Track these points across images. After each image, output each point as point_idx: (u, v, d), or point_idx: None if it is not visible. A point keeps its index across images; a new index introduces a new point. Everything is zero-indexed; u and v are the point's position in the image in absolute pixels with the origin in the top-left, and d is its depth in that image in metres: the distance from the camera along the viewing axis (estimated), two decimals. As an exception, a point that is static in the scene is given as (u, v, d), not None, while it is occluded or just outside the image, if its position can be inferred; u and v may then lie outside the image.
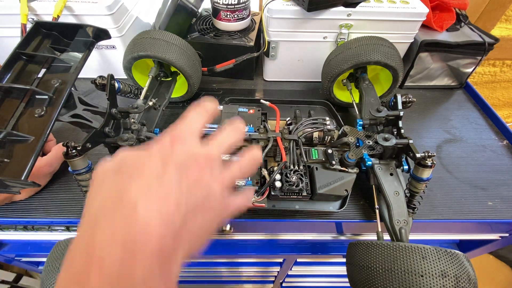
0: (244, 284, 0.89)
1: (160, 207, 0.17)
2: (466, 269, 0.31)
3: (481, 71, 1.13)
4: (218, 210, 0.21)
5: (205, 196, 0.19)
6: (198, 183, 0.19)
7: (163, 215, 0.17)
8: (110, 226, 0.16)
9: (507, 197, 0.49)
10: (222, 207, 0.21)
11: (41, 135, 0.31)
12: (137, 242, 0.16)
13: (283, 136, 0.44)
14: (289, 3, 0.57)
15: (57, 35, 0.40)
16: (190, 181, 0.19)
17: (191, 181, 0.19)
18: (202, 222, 0.19)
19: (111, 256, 0.15)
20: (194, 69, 0.54)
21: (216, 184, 0.20)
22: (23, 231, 0.48)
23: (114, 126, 0.40)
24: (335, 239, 0.56)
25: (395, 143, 0.41)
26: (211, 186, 0.20)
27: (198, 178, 0.19)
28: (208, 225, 0.20)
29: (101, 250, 0.15)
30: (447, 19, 0.64)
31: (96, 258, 0.15)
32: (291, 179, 0.40)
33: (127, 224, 0.16)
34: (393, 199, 0.40)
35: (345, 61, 0.52)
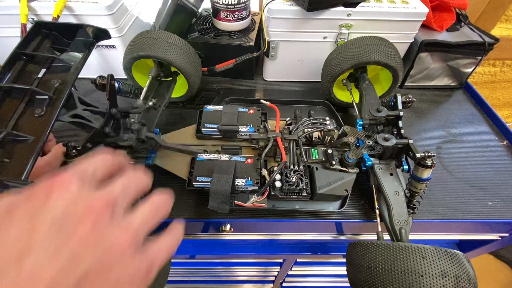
0: (244, 284, 0.89)
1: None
2: (466, 269, 0.31)
3: (481, 71, 1.13)
4: (131, 268, 0.15)
5: (102, 255, 0.14)
6: (89, 240, 0.14)
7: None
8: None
9: (507, 197, 0.49)
10: (136, 263, 0.16)
11: (41, 135, 0.31)
12: None
13: (283, 136, 0.44)
14: (289, 3, 0.57)
15: (57, 35, 0.40)
16: (74, 242, 0.14)
17: (76, 242, 0.14)
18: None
19: None
20: (194, 69, 0.54)
21: (119, 233, 0.15)
22: (23, 231, 0.48)
23: (114, 126, 0.40)
24: (335, 239, 0.56)
25: (395, 143, 0.41)
26: (111, 238, 0.15)
27: (87, 234, 0.14)
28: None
29: None
30: (447, 19, 0.64)
31: None
32: (291, 179, 0.40)
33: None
34: (393, 199, 0.40)
35: (345, 61, 0.52)
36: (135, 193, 0.18)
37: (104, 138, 0.39)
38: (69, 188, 0.15)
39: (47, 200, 0.14)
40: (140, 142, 0.42)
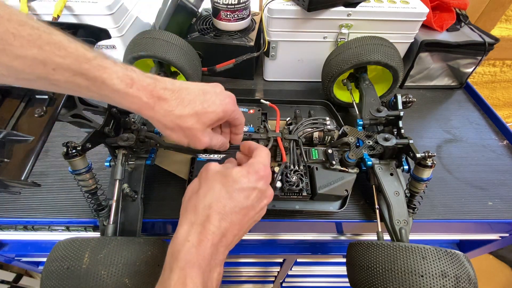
0: (244, 284, 0.89)
1: (243, 217, 0.28)
2: (466, 269, 0.31)
3: (481, 71, 1.13)
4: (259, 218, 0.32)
5: (259, 215, 0.31)
6: (262, 209, 0.31)
7: (240, 224, 0.28)
8: (218, 216, 0.27)
9: (507, 197, 0.49)
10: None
11: (41, 135, 0.31)
12: (227, 233, 0.27)
13: (283, 136, 0.44)
14: (289, 3, 0.57)
15: (57, 35, 0.40)
16: (260, 207, 0.30)
17: (259, 207, 0.30)
18: (246, 230, 0.30)
19: (216, 234, 0.26)
20: (194, 69, 0.54)
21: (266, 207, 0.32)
22: (23, 231, 0.48)
23: (114, 126, 0.40)
24: (335, 239, 0.56)
25: (395, 143, 0.41)
26: (264, 210, 0.32)
27: (263, 206, 0.31)
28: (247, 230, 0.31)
29: (213, 225, 0.26)
30: (447, 19, 0.64)
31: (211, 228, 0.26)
32: (291, 179, 0.40)
33: (226, 217, 0.27)
34: (393, 199, 0.40)
35: (345, 61, 0.52)
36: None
37: (104, 138, 0.39)
38: (267, 181, 0.31)
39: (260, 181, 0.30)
40: (140, 142, 0.42)
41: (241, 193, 0.28)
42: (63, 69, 0.23)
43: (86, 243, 0.32)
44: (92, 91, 0.25)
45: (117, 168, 0.39)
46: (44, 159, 0.51)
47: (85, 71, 0.24)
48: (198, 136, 0.30)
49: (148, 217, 0.44)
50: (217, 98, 0.31)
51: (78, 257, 0.31)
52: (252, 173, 0.30)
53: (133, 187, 0.42)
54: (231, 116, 0.33)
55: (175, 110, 0.28)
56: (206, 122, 0.30)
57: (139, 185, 0.42)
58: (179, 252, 0.25)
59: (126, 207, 0.41)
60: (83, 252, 0.31)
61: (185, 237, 0.26)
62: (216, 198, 0.27)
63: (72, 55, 0.23)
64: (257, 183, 0.29)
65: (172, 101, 0.28)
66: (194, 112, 0.29)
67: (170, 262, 0.25)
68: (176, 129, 0.29)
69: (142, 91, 0.26)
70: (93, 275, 0.30)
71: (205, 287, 0.24)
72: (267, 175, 0.31)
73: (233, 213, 0.27)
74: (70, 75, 0.23)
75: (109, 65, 0.25)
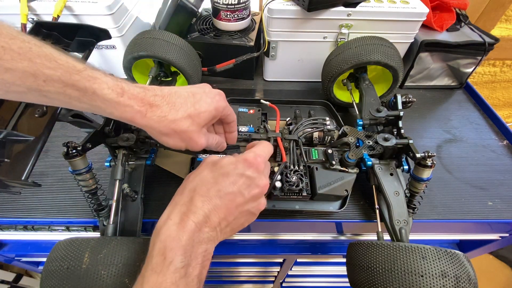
0: (244, 284, 0.89)
1: (228, 202, 0.28)
2: (466, 269, 0.31)
3: (481, 71, 1.13)
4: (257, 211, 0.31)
5: (253, 206, 0.30)
6: (254, 198, 0.30)
7: (225, 208, 0.28)
8: (201, 198, 0.28)
9: (507, 197, 0.49)
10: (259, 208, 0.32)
11: (41, 135, 0.32)
12: (210, 215, 0.27)
13: (283, 136, 0.44)
14: (289, 3, 0.57)
15: (57, 35, 0.40)
16: (250, 195, 0.29)
17: (249, 196, 0.29)
18: (243, 220, 0.31)
19: (198, 214, 0.27)
20: (194, 69, 0.54)
21: (263, 199, 0.32)
22: (23, 231, 0.48)
23: (114, 126, 0.40)
24: (335, 239, 0.56)
25: (395, 143, 0.41)
26: (260, 202, 0.31)
27: (254, 195, 0.30)
28: (245, 221, 0.31)
29: (195, 206, 0.27)
30: (447, 19, 0.64)
31: (192, 209, 0.27)
32: (291, 179, 0.40)
33: (209, 200, 0.28)
34: (393, 199, 0.40)
35: (345, 61, 0.52)
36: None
37: (104, 138, 0.39)
38: (259, 169, 0.31)
39: (248, 169, 0.30)
40: (140, 142, 0.42)
41: (226, 178, 0.29)
42: (53, 80, 0.23)
43: (86, 243, 0.32)
44: (83, 102, 0.25)
45: (117, 168, 0.39)
46: (44, 159, 0.51)
47: (75, 82, 0.24)
48: (194, 138, 0.30)
49: (148, 217, 0.44)
50: (207, 97, 0.31)
51: (78, 257, 0.31)
52: (240, 161, 0.30)
53: (133, 187, 0.42)
54: (223, 113, 0.33)
55: (168, 115, 0.28)
56: (200, 122, 0.30)
57: (139, 185, 0.42)
58: (161, 228, 0.26)
59: (126, 207, 0.41)
60: (83, 252, 0.31)
61: (168, 216, 0.27)
62: (201, 182, 0.29)
63: (63, 67, 0.24)
64: (245, 170, 0.30)
65: (164, 106, 0.28)
66: (187, 115, 0.29)
67: (153, 238, 0.26)
68: (172, 134, 0.29)
69: (133, 100, 0.27)
70: (93, 275, 0.30)
71: (188, 258, 0.25)
72: (258, 163, 0.31)
73: (216, 197, 0.28)
74: (60, 86, 0.24)
75: (99, 75, 0.26)
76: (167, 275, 0.24)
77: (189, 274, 0.25)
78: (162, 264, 0.24)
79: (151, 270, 0.24)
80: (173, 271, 0.24)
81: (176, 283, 0.24)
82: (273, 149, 0.35)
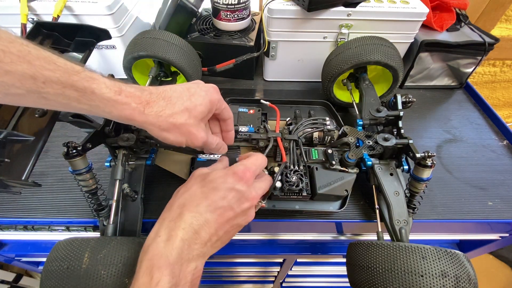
0: (244, 284, 0.89)
1: (218, 217, 0.28)
2: (466, 269, 0.31)
3: (481, 71, 1.13)
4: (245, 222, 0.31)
5: (243, 219, 0.31)
6: (244, 212, 0.30)
7: (216, 223, 0.28)
8: (191, 214, 0.28)
9: (507, 197, 0.49)
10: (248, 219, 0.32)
11: (41, 135, 0.32)
12: (200, 231, 0.27)
13: (283, 136, 0.44)
14: (289, 3, 0.57)
15: (57, 35, 0.40)
16: (240, 209, 0.30)
17: (240, 209, 0.30)
18: (232, 233, 0.30)
19: (187, 230, 0.27)
20: (194, 69, 0.54)
21: (252, 212, 0.32)
22: (23, 231, 0.48)
23: (114, 126, 0.40)
24: (335, 239, 0.56)
25: (395, 143, 0.41)
26: (249, 214, 0.31)
27: (244, 209, 0.30)
28: (234, 233, 0.31)
29: (184, 222, 0.27)
30: (447, 19, 0.64)
31: (181, 225, 0.27)
32: (291, 179, 0.40)
33: (199, 216, 0.28)
34: (393, 199, 0.40)
35: (345, 61, 0.52)
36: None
37: (105, 138, 0.39)
38: (248, 182, 0.31)
39: (238, 182, 0.30)
40: (140, 142, 0.42)
41: (216, 193, 0.29)
42: (52, 82, 0.24)
43: (86, 243, 0.32)
44: (82, 102, 0.26)
45: (117, 168, 0.39)
46: (44, 159, 0.51)
47: (74, 82, 0.24)
48: (193, 131, 0.31)
49: (148, 217, 0.44)
50: (201, 90, 0.32)
51: (77, 257, 0.31)
52: (230, 174, 0.30)
53: (133, 187, 0.42)
54: (218, 106, 0.34)
55: (166, 109, 0.29)
56: (197, 115, 0.31)
57: (139, 185, 0.42)
58: (148, 246, 0.26)
59: (126, 207, 0.41)
60: (83, 252, 0.31)
61: (156, 233, 0.27)
62: (190, 198, 0.29)
63: (61, 69, 0.24)
64: (235, 184, 0.30)
65: (160, 101, 0.29)
66: (184, 108, 0.30)
67: (141, 256, 0.26)
68: (171, 129, 0.30)
69: (131, 98, 0.27)
70: (93, 275, 0.30)
71: (176, 278, 0.24)
72: (247, 178, 0.31)
73: (207, 212, 0.28)
74: (60, 87, 0.24)
75: (96, 76, 0.26)
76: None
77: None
78: (149, 285, 0.23)
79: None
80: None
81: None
82: (266, 161, 0.35)
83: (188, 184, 0.31)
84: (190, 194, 0.29)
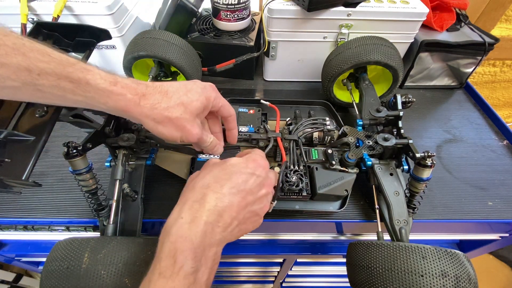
0: (244, 284, 0.89)
1: (241, 199, 0.28)
2: (466, 269, 0.31)
3: (481, 71, 1.13)
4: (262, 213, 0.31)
5: (260, 207, 0.30)
6: (261, 199, 0.30)
7: (238, 207, 0.27)
8: (215, 195, 0.27)
9: (507, 197, 0.49)
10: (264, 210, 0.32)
11: (41, 135, 0.32)
12: (224, 214, 0.27)
13: (283, 136, 0.44)
14: (289, 3, 0.57)
15: (58, 35, 0.40)
16: (259, 194, 0.30)
17: (259, 195, 0.30)
18: (249, 222, 0.30)
19: (211, 212, 0.26)
20: (194, 69, 0.54)
21: (267, 201, 0.31)
22: (23, 231, 0.48)
23: (114, 126, 0.40)
24: (335, 239, 0.56)
25: (395, 143, 0.41)
26: (265, 203, 0.31)
27: (262, 195, 0.30)
28: (250, 222, 0.30)
29: (209, 203, 0.26)
30: (447, 19, 0.64)
31: (206, 206, 0.26)
32: (291, 179, 0.40)
33: (223, 197, 0.27)
34: (393, 199, 0.40)
35: (345, 61, 0.52)
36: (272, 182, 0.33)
37: (105, 138, 0.39)
38: (265, 170, 0.32)
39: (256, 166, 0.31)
40: (141, 142, 0.42)
41: (239, 176, 0.29)
42: (47, 73, 0.24)
43: (86, 243, 0.32)
44: (77, 94, 0.26)
45: (118, 168, 0.39)
46: (44, 159, 0.51)
47: (69, 73, 0.25)
48: (188, 127, 0.31)
49: (148, 217, 0.44)
50: (197, 87, 0.32)
51: (77, 256, 0.31)
52: (250, 160, 0.31)
53: (133, 187, 0.42)
54: (214, 103, 0.34)
55: (161, 102, 0.29)
56: (193, 111, 0.31)
57: (139, 185, 0.42)
58: (171, 227, 0.25)
59: (126, 207, 0.41)
60: (83, 251, 0.31)
61: (179, 214, 0.26)
62: (214, 179, 0.28)
63: (56, 60, 0.24)
64: (256, 170, 0.30)
65: (156, 94, 0.29)
66: (180, 102, 0.30)
67: (163, 237, 0.25)
68: (166, 122, 0.30)
69: (126, 89, 0.27)
70: (93, 275, 0.30)
71: (198, 263, 0.24)
72: (265, 165, 0.32)
73: (230, 194, 0.27)
74: (54, 79, 0.24)
75: (91, 68, 0.26)
76: (176, 281, 0.22)
77: (198, 281, 0.24)
78: (172, 269, 0.23)
79: (159, 274, 0.23)
80: (183, 277, 0.23)
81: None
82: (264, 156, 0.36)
83: (207, 169, 0.30)
84: (213, 176, 0.29)
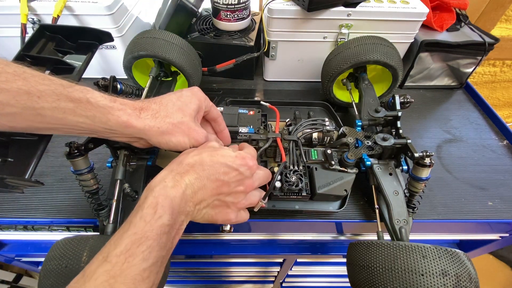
0: (244, 284, 0.89)
1: (216, 187, 0.30)
2: (467, 268, 0.31)
3: (481, 71, 1.13)
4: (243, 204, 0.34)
5: (232, 201, 0.32)
6: (236, 194, 0.32)
7: (211, 191, 0.30)
8: (195, 175, 0.29)
9: (507, 197, 0.49)
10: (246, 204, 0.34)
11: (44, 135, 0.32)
12: (198, 192, 0.29)
13: (282, 137, 0.44)
14: (289, 3, 0.57)
15: (61, 38, 0.41)
16: (235, 189, 0.32)
17: (234, 190, 0.32)
18: (218, 209, 0.32)
19: (189, 187, 0.28)
20: (194, 68, 0.54)
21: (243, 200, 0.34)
22: (23, 231, 0.48)
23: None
24: (335, 239, 0.56)
25: (394, 143, 0.41)
26: (239, 199, 0.33)
27: (238, 191, 0.32)
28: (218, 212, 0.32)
29: (189, 179, 0.29)
30: (447, 19, 0.64)
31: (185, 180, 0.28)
32: (291, 179, 0.40)
33: (200, 180, 0.29)
34: (393, 198, 0.40)
35: (345, 61, 0.52)
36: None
37: (106, 139, 0.39)
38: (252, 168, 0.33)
39: (243, 164, 0.32)
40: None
41: (221, 167, 0.31)
42: (47, 95, 0.25)
43: (85, 241, 0.32)
44: (78, 114, 0.27)
45: (118, 168, 0.39)
46: (45, 159, 0.51)
47: (69, 93, 0.26)
48: (193, 127, 0.33)
49: (148, 217, 0.44)
50: (187, 92, 0.35)
51: (76, 255, 0.31)
52: (239, 157, 0.32)
53: (134, 187, 0.42)
54: (206, 103, 0.36)
55: (160, 111, 0.31)
56: (191, 113, 0.33)
57: (140, 185, 0.42)
58: (155, 186, 0.27)
59: (126, 207, 0.41)
60: (82, 250, 0.31)
61: (163, 178, 0.28)
62: (199, 161, 0.30)
63: (56, 83, 0.26)
64: (240, 167, 0.32)
65: (153, 105, 0.31)
66: (177, 108, 0.32)
67: (146, 193, 0.27)
68: (172, 130, 0.31)
69: (125, 105, 0.30)
70: (94, 275, 0.30)
71: (172, 221, 0.26)
72: (252, 166, 0.33)
73: (208, 179, 0.30)
74: (54, 99, 0.25)
75: (90, 89, 0.28)
76: (154, 226, 0.25)
77: (170, 234, 0.26)
78: (152, 216, 0.25)
79: (140, 217, 0.25)
80: (160, 225, 0.25)
81: (160, 236, 0.25)
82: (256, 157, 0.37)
83: (199, 150, 0.32)
84: (200, 158, 0.30)
